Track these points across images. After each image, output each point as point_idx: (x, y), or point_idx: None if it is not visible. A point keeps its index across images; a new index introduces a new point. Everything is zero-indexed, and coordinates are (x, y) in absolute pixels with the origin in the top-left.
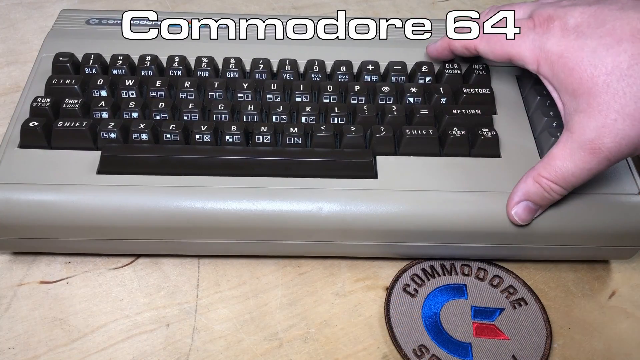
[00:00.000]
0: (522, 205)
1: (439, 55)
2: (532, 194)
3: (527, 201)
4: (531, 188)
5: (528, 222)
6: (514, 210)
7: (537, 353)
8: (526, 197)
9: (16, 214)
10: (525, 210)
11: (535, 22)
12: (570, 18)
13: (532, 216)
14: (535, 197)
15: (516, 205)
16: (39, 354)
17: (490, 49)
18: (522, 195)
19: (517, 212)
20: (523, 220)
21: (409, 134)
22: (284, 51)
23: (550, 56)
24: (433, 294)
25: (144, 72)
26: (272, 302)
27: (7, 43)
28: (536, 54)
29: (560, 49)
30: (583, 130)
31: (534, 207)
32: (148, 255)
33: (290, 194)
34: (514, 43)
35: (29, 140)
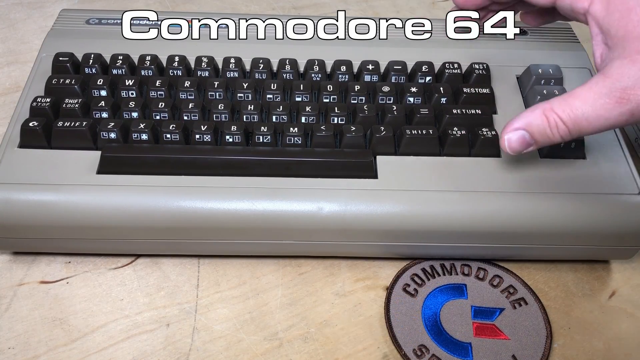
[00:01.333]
0: (519, 134)
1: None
2: (534, 126)
3: (525, 131)
4: (536, 119)
5: (516, 153)
6: (507, 135)
7: (537, 353)
8: (527, 126)
9: (16, 214)
10: (519, 140)
11: None
12: None
13: (523, 148)
14: (535, 130)
15: (512, 132)
16: (39, 354)
17: None
18: (523, 123)
19: (509, 138)
20: (512, 149)
21: (409, 134)
22: (284, 51)
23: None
24: (433, 293)
25: (144, 72)
26: (272, 302)
27: (7, 43)
28: None
29: None
30: (621, 75)
31: (530, 140)
32: (148, 255)
33: (290, 194)
34: None
35: (29, 140)
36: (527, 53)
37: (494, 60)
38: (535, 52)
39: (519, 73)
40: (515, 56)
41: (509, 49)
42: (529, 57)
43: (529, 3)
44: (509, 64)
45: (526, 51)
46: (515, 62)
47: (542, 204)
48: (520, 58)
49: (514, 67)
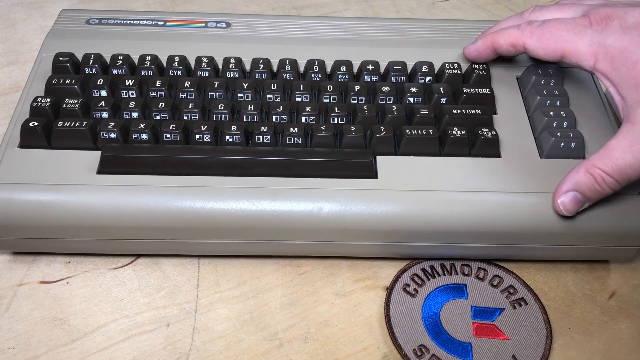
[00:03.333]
0: (570, 196)
1: (479, 55)
2: (582, 185)
3: (576, 192)
4: (582, 178)
5: (573, 213)
6: (560, 199)
7: (537, 353)
8: (575, 187)
9: (16, 214)
10: (573, 201)
11: (591, 20)
12: (630, 17)
13: (578, 208)
14: (585, 189)
15: (564, 195)
16: (39, 354)
17: (542, 46)
18: (571, 185)
19: (563, 202)
20: (569, 211)
21: (409, 134)
22: (284, 51)
23: (611, 51)
24: (433, 293)
25: (144, 72)
26: (272, 302)
27: (7, 43)
28: (594, 50)
29: (623, 44)
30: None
31: (582, 199)
32: (148, 255)
33: (290, 194)
34: (570, 39)
35: (29, 140)
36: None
37: (494, 60)
38: None
39: (519, 73)
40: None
41: None
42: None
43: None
44: (509, 64)
45: None
46: (515, 62)
47: (542, 204)
48: (520, 58)
49: (514, 67)
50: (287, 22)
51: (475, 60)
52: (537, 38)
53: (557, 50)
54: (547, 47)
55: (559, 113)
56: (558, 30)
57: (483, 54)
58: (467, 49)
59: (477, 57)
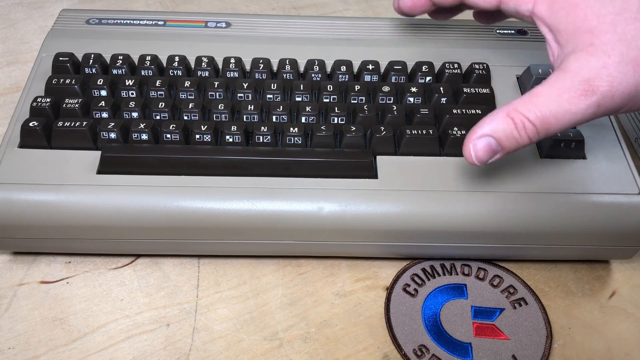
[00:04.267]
0: (484, 141)
1: (414, 4)
2: (500, 130)
3: (491, 137)
4: (500, 123)
5: (483, 162)
6: (472, 143)
7: (537, 353)
8: (492, 132)
9: (16, 214)
10: (485, 148)
11: None
12: None
13: (489, 157)
14: (501, 135)
15: (478, 139)
16: (39, 354)
17: None
18: (488, 129)
19: (475, 146)
20: (478, 158)
21: (409, 134)
22: (284, 51)
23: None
24: (433, 294)
25: (144, 72)
26: (272, 302)
27: (7, 43)
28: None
29: None
30: (580, 68)
31: (496, 146)
32: (148, 255)
33: (290, 194)
34: None
35: (29, 140)
36: (527, 53)
37: (494, 60)
38: (535, 52)
39: (519, 73)
40: (515, 56)
41: (509, 49)
42: (529, 57)
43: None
44: (509, 64)
45: (526, 51)
46: (515, 62)
47: (542, 204)
48: (520, 58)
49: (514, 67)
50: (287, 22)
51: (411, 12)
52: None
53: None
54: None
55: None
56: None
57: (418, 4)
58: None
59: (411, 7)
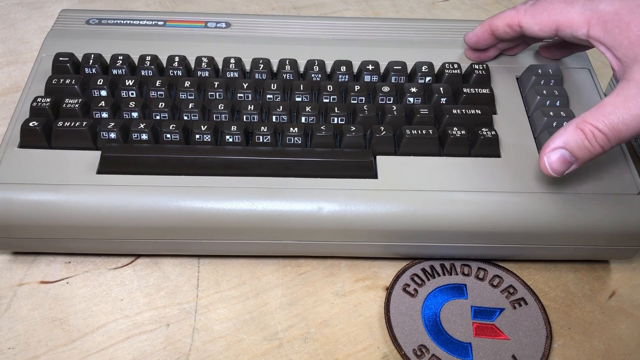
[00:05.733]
0: (558, 154)
1: (478, 40)
2: (572, 142)
3: (564, 149)
4: (571, 135)
5: (560, 174)
6: (546, 157)
7: (537, 353)
8: (564, 144)
9: (16, 214)
10: (560, 160)
11: None
12: None
13: (565, 168)
14: (574, 146)
15: (551, 152)
16: (39, 354)
17: (535, 21)
18: (559, 142)
19: (549, 160)
20: (555, 170)
21: (409, 134)
22: (284, 51)
23: (604, 15)
24: (433, 294)
25: (144, 72)
26: (272, 302)
27: (7, 43)
28: (587, 17)
29: (616, 8)
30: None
31: (570, 158)
32: (148, 255)
33: (290, 194)
34: (562, 10)
35: (29, 140)
36: (527, 53)
37: (494, 60)
38: (535, 52)
39: (519, 73)
40: (515, 56)
41: None
42: (529, 57)
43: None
44: (509, 64)
45: (526, 51)
46: (515, 62)
47: (542, 204)
48: (520, 58)
49: (514, 67)
50: (287, 22)
51: (475, 45)
52: (530, 15)
53: (551, 23)
54: (541, 21)
55: (559, 113)
56: (550, 4)
57: (482, 39)
58: (467, 36)
59: (476, 42)
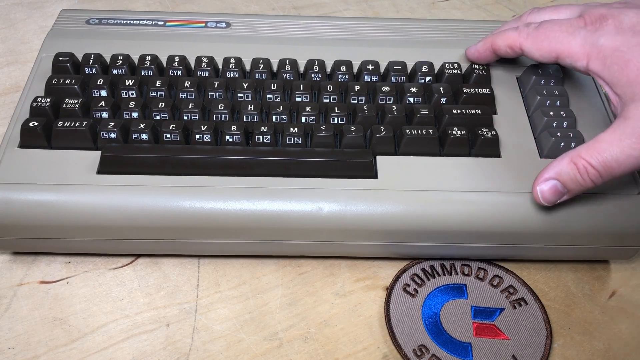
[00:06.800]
0: (550, 184)
1: (480, 56)
2: (564, 174)
3: (557, 181)
4: (565, 167)
5: (551, 204)
6: (539, 187)
7: (537, 353)
8: (557, 176)
9: (16, 214)
10: (552, 190)
11: (586, 20)
12: (625, 17)
13: (557, 199)
14: (566, 178)
15: (544, 183)
16: (39, 354)
17: (537, 47)
18: (553, 173)
19: (542, 190)
20: (546, 200)
21: (409, 134)
22: (284, 51)
23: (604, 50)
24: (433, 293)
25: (144, 72)
26: (272, 302)
27: (7, 43)
28: (587, 50)
29: (616, 44)
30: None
31: (562, 189)
32: (148, 255)
33: (290, 194)
34: (563, 39)
35: (29, 140)
36: None
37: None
38: None
39: (519, 73)
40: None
41: None
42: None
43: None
44: (509, 64)
45: None
46: (515, 62)
47: None
48: (520, 58)
49: (514, 67)
50: (287, 22)
51: (477, 61)
52: (532, 40)
53: (552, 51)
54: (541, 48)
55: (559, 113)
56: (552, 32)
57: (483, 55)
58: (468, 50)
59: (477, 58)
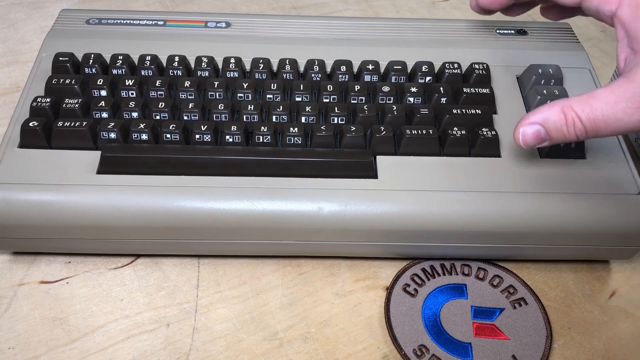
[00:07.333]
0: (534, 128)
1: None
2: (551, 122)
3: (541, 126)
4: (553, 115)
5: (529, 147)
6: (522, 128)
7: (537, 353)
8: (543, 122)
9: (16, 214)
10: (534, 135)
11: None
12: None
13: (536, 143)
14: (551, 127)
15: (527, 125)
16: (39, 354)
17: None
18: (540, 118)
19: (524, 132)
20: (526, 142)
21: (409, 134)
22: (284, 51)
23: None
24: (433, 293)
25: (144, 72)
26: (272, 302)
27: (7, 43)
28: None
29: None
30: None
31: (545, 136)
32: (148, 255)
33: (290, 194)
34: None
35: (29, 140)
36: (527, 53)
37: (494, 60)
38: (535, 52)
39: (519, 73)
40: (515, 56)
41: (509, 49)
42: (529, 57)
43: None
44: (509, 64)
45: (526, 51)
46: (515, 62)
47: (542, 204)
48: (520, 58)
49: (514, 67)
50: (287, 22)
51: (489, 6)
52: None
53: None
54: None
55: None
56: None
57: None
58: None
59: (490, 1)
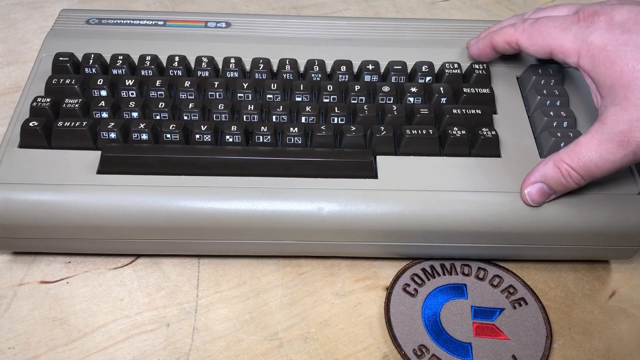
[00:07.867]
0: (537, 187)
1: (480, 53)
2: (549, 178)
3: (543, 184)
4: (549, 171)
5: (539, 204)
6: (527, 189)
7: (537, 353)
8: (543, 179)
9: (16, 214)
10: (539, 192)
11: (579, 16)
12: (617, 14)
13: (544, 199)
14: (551, 181)
15: (531, 186)
16: (39, 354)
17: (531, 42)
18: (539, 176)
19: (530, 192)
20: (534, 201)
21: (409, 134)
22: (284, 51)
23: (592, 49)
24: (433, 293)
25: (144, 72)
26: (272, 302)
27: (7, 43)
28: (578, 46)
29: (604, 42)
30: (616, 122)
31: (548, 191)
32: (148, 255)
33: (290, 194)
34: (556, 35)
35: (29, 140)
36: None
37: (494, 60)
38: None
39: (519, 73)
40: (515, 56)
41: None
42: (529, 57)
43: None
44: (509, 64)
45: None
46: (515, 62)
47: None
48: (520, 58)
49: (514, 67)
50: (287, 22)
51: (478, 58)
52: (527, 35)
53: (545, 46)
54: (536, 44)
55: (559, 113)
56: (547, 27)
57: (484, 52)
58: (470, 47)
59: (479, 55)
